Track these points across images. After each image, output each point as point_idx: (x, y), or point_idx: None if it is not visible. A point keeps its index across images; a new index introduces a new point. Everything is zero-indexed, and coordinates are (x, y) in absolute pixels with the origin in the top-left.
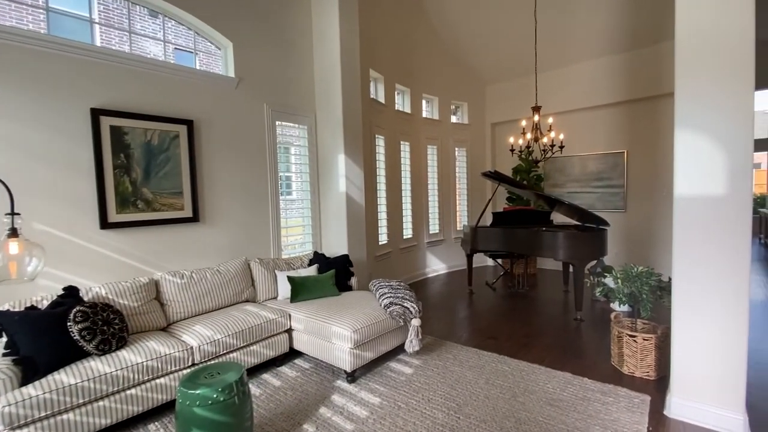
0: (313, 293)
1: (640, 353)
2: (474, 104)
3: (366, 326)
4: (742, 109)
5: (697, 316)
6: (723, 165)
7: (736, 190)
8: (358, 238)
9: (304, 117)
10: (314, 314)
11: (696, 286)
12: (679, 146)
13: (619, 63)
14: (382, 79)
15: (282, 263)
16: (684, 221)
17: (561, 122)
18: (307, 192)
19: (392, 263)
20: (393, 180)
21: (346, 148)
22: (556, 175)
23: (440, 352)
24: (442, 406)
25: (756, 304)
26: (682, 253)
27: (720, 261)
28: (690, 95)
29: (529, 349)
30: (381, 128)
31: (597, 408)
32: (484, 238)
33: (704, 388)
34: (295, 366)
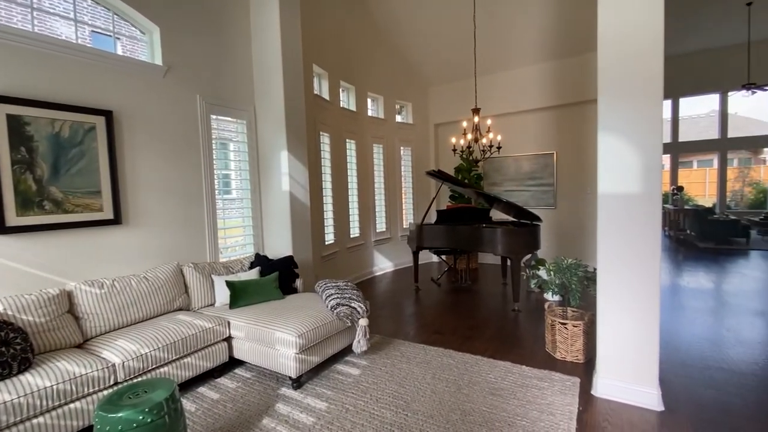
0: (255, 298)
1: (571, 339)
2: (418, 104)
3: (312, 329)
4: (653, 117)
5: (617, 302)
6: (638, 165)
7: (648, 188)
8: (303, 239)
9: (242, 111)
10: (256, 320)
11: (616, 275)
12: (601, 149)
13: (550, 70)
14: (326, 75)
15: (220, 267)
16: (606, 216)
17: (498, 124)
18: (246, 191)
19: (339, 263)
20: (339, 178)
21: (289, 144)
22: (494, 175)
23: (388, 351)
24: (390, 404)
25: (663, 290)
26: (605, 245)
27: (636, 252)
28: (610, 103)
29: (473, 342)
30: (326, 125)
31: (534, 393)
32: (430, 236)
33: (624, 368)
34: (236, 376)
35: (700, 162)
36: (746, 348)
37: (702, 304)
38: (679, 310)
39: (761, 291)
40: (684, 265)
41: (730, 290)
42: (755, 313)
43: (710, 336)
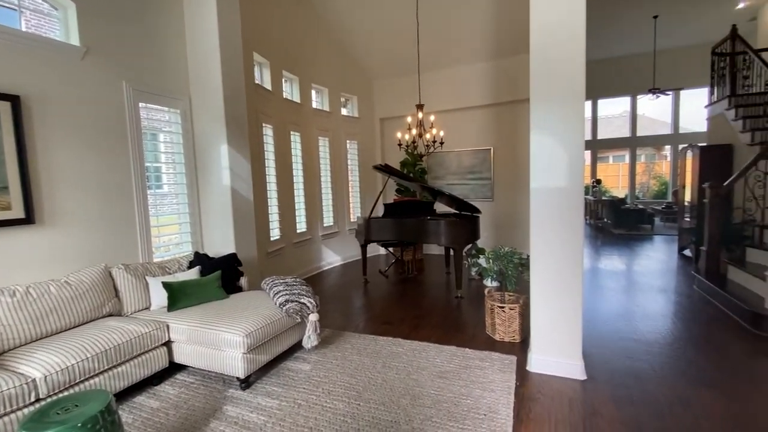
0: (196, 299)
1: (508, 321)
2: (363, 98)
3: (260, 328)
4: (576, 116)
5: (547, 286)
6: (564, 161)
7: (572, 182)
8: (246, 235)
9: (175, 100)
10: (199, 322)
11: (547, 261)
12: (533, 146)
13: (489, 70)
14: (268, 64)
15: (155, 268)
16: (537, 208)
17: (441, 120)
18: (182, 185)
19: (286, 259)
20: (284, 172)
21: (229, 137)
22: (437, 169)
23: (339, 343)
24: (342, 396)
25: (585, 273)
26: (537, 234)
27: (562, 240)
28: (540, 103)
29: (420, 329)
30: (268, 116)
31: (477, 373)
32: (377, 229)
33: (553, 345)
34: (178, 381)
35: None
36: (652, 321)
37: (616, 284)
38: (598, 290)
39: (663, 271)
40: (602, 250)
41: (638, 271)
42: (658, 290)
43: (623, 312)
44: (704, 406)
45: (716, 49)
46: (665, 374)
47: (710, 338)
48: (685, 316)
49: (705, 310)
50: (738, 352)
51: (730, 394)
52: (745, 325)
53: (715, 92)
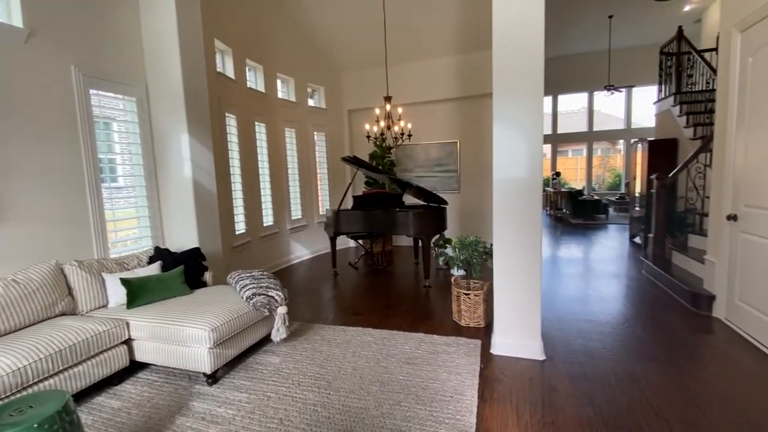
0: (158, 295)
1: (473, 307)
2: (331, 89)
3: (226, 322)
4: (535, 110)
5: (509, 272)
6: (524, 153)
7: (532, 173)
8: (210, 229)
9: (130, 87)
10: (161, 318)
11: (508, 249)
12: (496, 137)
13: (455, 63)
14: (231, 52)
15: (112, 264)
16: (500, 199)
17: (409, 112)
18: (140, 177)
19: (252, 253)
20: (249, 164)
21: (190, 126)
22: (405, 161)
23: (308, 335)
24: (312, 386)
25: (545, 260)
26: (499, 223)
27: (523, 229)
28: (502, 97)
29: (390, 318)
30: (232, 106)
31: (444, 358)
32: (347, 221)
33: (515, 328)
34: (140, 380)
35: (573, 151)
36: (604, 303)
37: (573, 270)
38: (557, 276)
39: (616, 257)
40: (560, 239)
41: (593, 258)
42: (611, 275)
43: (579, 296)
44: (649, 378)
45: (664, 48)
46: (615, 351)
47: (655, 317)
48: (634, 298)
49: (651, 292)
50: (679, 329)
51: (670, 366)
52: (685, 304)
53: (663, 90)
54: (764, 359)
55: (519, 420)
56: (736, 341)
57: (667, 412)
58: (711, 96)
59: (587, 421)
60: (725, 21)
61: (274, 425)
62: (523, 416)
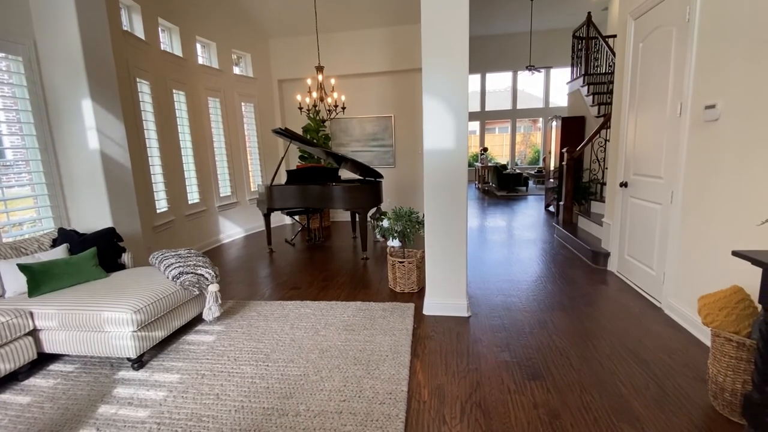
0: (67, 280)
1: (407, 274)
2: (258, 57)
3: (151, 303)
4: (460, 82)
5: (438, 238)
6: (451, 124)
7: (458, 144)
8: (126, 208)
9: (12, 44)
10: (73, 304)
11: (437, 216)
12: (426, 109)
13: (390, 35)
14: (139, 9)
15: (6, 249)
16: (429, 168)
17: (343, 85)
18: (34, 150)
19: (177, 233)
20: (168, 135)
21: (93, 91)
22: (341, 135)
23: (244, 312)
24: (249, 360)
25: (473, 229)
26: (429, 194)
27: (450, 198)
28: (431, 68)
29: (328, 290)
30: (144, 71)
31: (380, 323)
32: (280, 197)
33: (444, 289)
34: (52, 373)
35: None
36: (521, 264)
37: (497, 237)
38: (482, 243)
39: (533, 224)
40: (486, 210)
41: (514, 225)
42: (528, 240)
43: (500, 259)
44: (556, 325)
45: (576, 33)
46: (529, 305)
47: (563, 274)
48: (546, 259)
49: (561, 253)
50: (581, 282)
51: (573, 313)
52: (587, 261)
53: (574, 71)
54: (645, 302)
55: (447, 369)
56: (624, 289)
57: (568, 349)
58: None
59: (505, 364)
60: (623, 9)
61: (210, 401)
62: (451, 366)
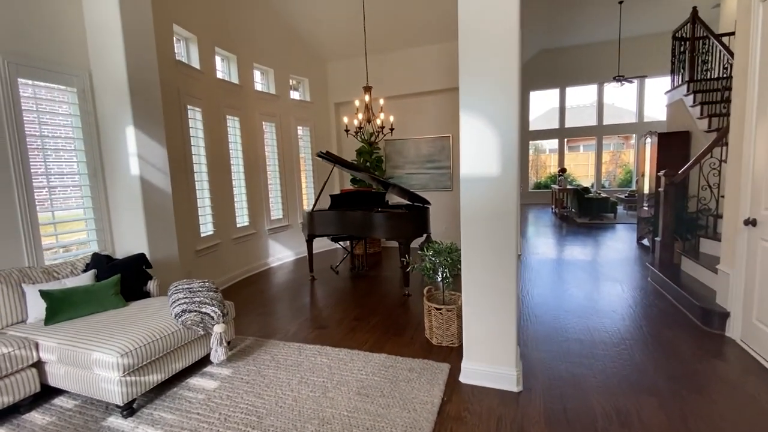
0: (84, 309)
1: (446, 324)
2: (316, 81)
3: (143, 345)
4: (508, 95)
5: (478, 285)
6: (495, 146)
7: (505, 170)
8: (163, 233)
9: (69, 76)
10: (72, 339)
11: (477, 259)
12: (463, 128)
13: (445, 52)
14: (195, 39)
15: (37, 273)
16: (467, 200)
17: (397, 105)
18: (84, 176)
19: (222, 256)
20: (218, 160)
21: (136, 119)
22: (395, 157)
23: (258, 354)
24: (240, 422)
25: (543, 262)
26: (466, 229)
27: (494, 235)
28: (469, 78)
29: (356, 333)
30: (196, 98)
31: (403, 388)
32: (321, 222)
33: (486, 351)
34: (52, 408)
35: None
36: (601, 317)
37: (571, 276)
38: (551, 281)
39: (620, 261)
40: (563, 239)
41: (596, 261)
42: (612, 282)
43: (573, 307)
44: (644, 418)
45: (677, 33)
46: (606, 381)
47: (658, 336)
48: (636, 311)
49: (656, 304)
50: (685, 352)
51: (672, 402)
52: (695, 320)
53: (675, 78)
54: None
55: None
56: (752, 370)
57: None
58: (728, 84)
59: None
60: None
61: None
62: None
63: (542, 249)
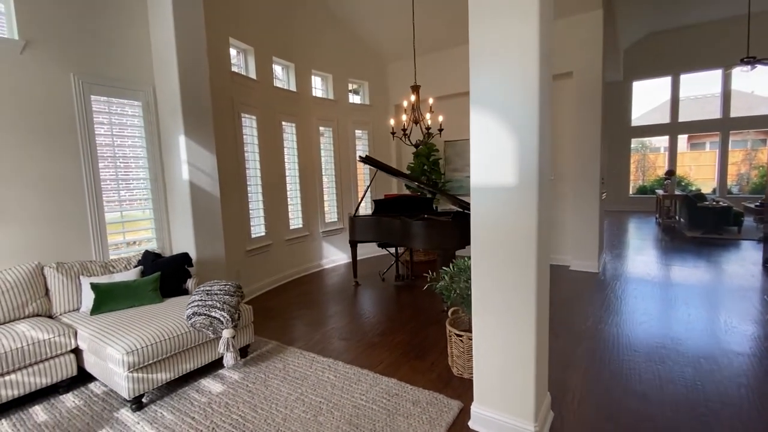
0: (124, 302)
1: (467, 353)
2: (376, 84)
3: (151, 345)
4: (527, 90)
5: (491, 315)
6: (511, 149)
7: (523, 178)
8: (210, 234)
9: (136, 91)
10: (101, 331)
11: (489, 284)
12: (473, 127)
13: None
14: (252, 51)
15: (95, 267)
16: (478, 213)
17: (458, 104)
18: (146, 181)
19: (274, 257)
20: (273, 165)
21: (187, 128)
22: (455, 159)
23: (272, 361)
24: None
25: (634, 286)
26: (477, 248)
27: (509, 257)
28: (481, 64)
29: (375, 350)
30: (251, 107)
31: (398, 424)
32: (362, 228)
33: (499, 394)
34: (84, 393)
35: (713, 143)
36: (681, 367)
37: (659, 308)
38: (630, 313)
39: (735, 292)
40: (663, 257)
41: (702, 290)
42: (715, 321)
43: (650, 351)
44: None
45: None
46: None
47: None
48: (753, 376)
49: None
50: None
51: None
52: None
53: None
54: None
55: None
56: None
57: None
58: None
59: None
60: None
61: None
62: None
63: (633, 267)
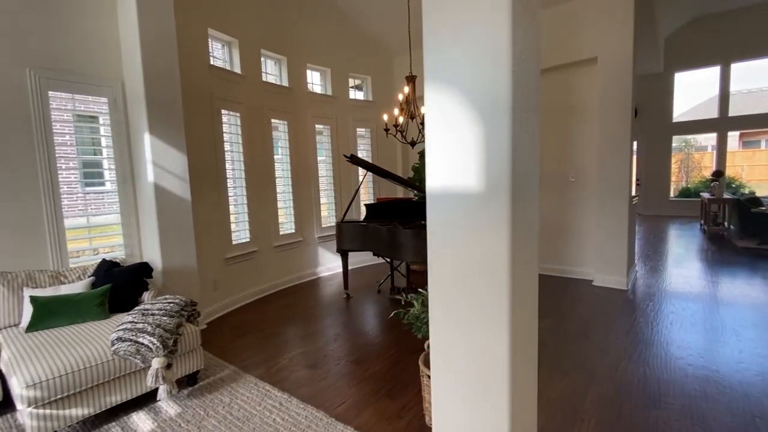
0: (64, 318)
1: None
2: (379, 79)
3: (62, 375)
4: (496, 59)
5: (448, 357)
6: (474, 139)
7: (490, 179)
8: (180, 240)
9: (101, 87)
10: (22, 353)
11: (446, 312)
12: (428, 113)
13: None
14: (237, 43)
15: (45, 277)
16: (435, 224)
17: None
18: (113, 182)
19: (260, 265)
20: (259, 165)
21: (151, 124)
22: None
23: (220, 393)
24: None
25: (672, 305)
26: (433, 271)
27: (471, 282)
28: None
29: (342, 382)
30: (235, 103)
31: None
32: (348, 236)
33: None
34: (9, 422)
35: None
36: (729, 430)
37: (702, 338)
38: (660, 345)
39: None
40: (707, 272)
41: (749, 319)
42: (765, 358)
43: (687, 402)
44: None
45: None
46: None
47: None
48: None
49: None
50: None
51: None
52: None
53: None
54: None
55: None
56: None
57: None
58: None
59: None
60: None
61: None
62: None
63: (671, 284)
